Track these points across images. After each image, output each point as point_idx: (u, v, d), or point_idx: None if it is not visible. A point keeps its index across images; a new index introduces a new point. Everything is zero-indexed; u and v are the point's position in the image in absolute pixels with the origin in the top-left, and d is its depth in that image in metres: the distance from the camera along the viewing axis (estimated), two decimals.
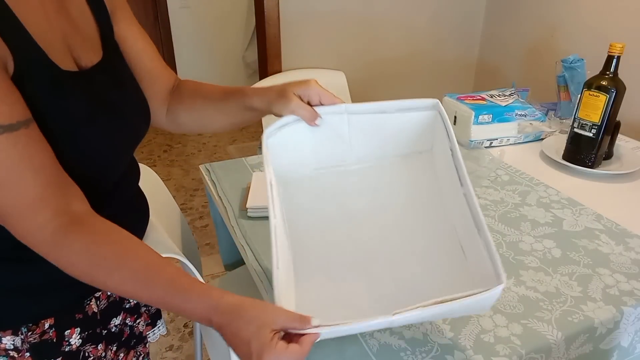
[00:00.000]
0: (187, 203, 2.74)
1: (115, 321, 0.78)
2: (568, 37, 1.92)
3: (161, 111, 0.82)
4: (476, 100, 1.40)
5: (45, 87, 0.56)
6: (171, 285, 0.56)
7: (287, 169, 0.75)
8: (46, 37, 0.58)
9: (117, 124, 0.67)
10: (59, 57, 0.59)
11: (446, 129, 0.69)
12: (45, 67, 0.57)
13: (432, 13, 2.20)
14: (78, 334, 0.70)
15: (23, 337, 0.65)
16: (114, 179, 0.71)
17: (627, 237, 0.98)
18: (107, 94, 0.66)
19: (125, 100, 0.69)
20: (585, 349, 0.78)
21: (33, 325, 0.66)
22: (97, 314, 0.73)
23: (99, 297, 0.74)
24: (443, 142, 0.71)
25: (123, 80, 0.71)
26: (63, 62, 0.60)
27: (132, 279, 0.56)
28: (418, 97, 0.73)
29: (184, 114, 0.81)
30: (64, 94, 0.59)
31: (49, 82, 0.57)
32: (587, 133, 1.21)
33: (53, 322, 0.67)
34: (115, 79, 0.69)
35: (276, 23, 1.91)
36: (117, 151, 0.69)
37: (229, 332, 0.53)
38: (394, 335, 0.74)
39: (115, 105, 0.67)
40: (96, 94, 0.64)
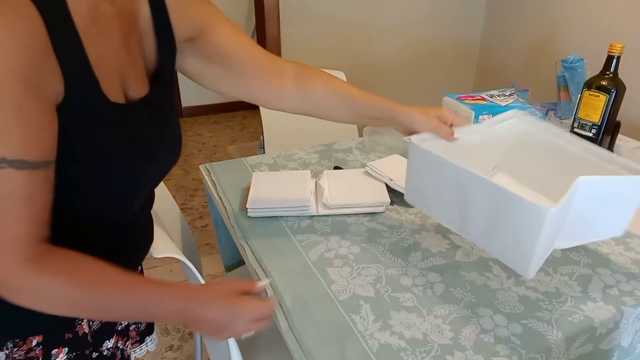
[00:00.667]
0: (187, 203, 2.74)
1: (108, 344, 0.76)
2: (568, 37, 1.92)
3: (283, 95, 0.87)
4: (476, 100, 1.40)
5: (87, 117, 0.57)
6: (148, 285, 0.61)
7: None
8: (104, 67, 0.58)
9: (146, 163, 0.66)
10: (110, 88, 0.59)
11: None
12: (93, 97, 0.57)
13: (432, 13, 2.20)
14: (65, 354, 0.68)
15: (8, 353, 0.64)
16: (133, 212, 0.71)
17: (627, 237, 0.98)
18: (144, 129, 0.66)
19: (159, 137, 0.69)
20: (585, 349, 0.78)
21: (20, 341, 0.64)
22: (87, 335, 0.71)
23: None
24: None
25: (163, 115, 0.71)
26: (112, 94, 0.60)
27: (114, 290, 0.58)
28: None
29: (319, 95, 0.89)
30: (102, 127, 0.59)
31: (92, 113, 0.57)
32: (587, 133, 1.21)
33: (41, 340, 0.66)
34: (156, 114, 0.69)
35: (276, 23, 1.91)
36: (142, 188, 0.70)
37: (202, 311, 0.62)
38: (394, 335, 0.74)
39: (149, 142, 0.67)
40: (133, 130, 0.64)
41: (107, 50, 0.59)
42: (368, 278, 0.86)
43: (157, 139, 0.69)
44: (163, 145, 0.71)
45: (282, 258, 0.92)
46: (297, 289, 0.83)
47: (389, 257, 0.92)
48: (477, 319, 0.77)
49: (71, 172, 0.57)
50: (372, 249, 0.94)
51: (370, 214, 1.06)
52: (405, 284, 0.85)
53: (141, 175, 0.67)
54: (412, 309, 0.79)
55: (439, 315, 0.78)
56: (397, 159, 1.23)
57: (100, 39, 0.58)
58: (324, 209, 1.05)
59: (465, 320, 0.77)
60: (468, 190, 0.80)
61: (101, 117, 0.58)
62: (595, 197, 0.77)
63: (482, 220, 0.80)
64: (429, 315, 0.78)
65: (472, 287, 0.84)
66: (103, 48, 0.58)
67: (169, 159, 0.73)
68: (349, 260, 0.91)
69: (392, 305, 0.80)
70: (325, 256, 0.92)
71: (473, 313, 0.78)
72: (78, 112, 0.55)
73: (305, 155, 1.35)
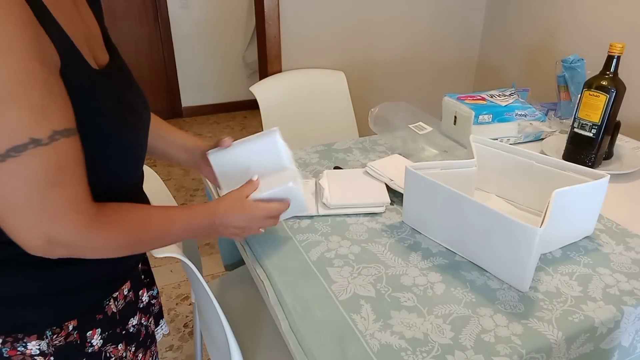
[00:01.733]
0: (187, 203, 2.74)
1: (133, 321, 0.80)
2: (568, 37, 1.92)
3: None
4: (476, 100, 1.40)
5: (83, 87, 0.58)
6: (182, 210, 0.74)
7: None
8: (76, 38, 0.59)
9: (137, 121, 0.70)
10: (87, 57, 0.61)
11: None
12: (82, 67, 0.59)
13: (432, 13, 2.20)
14: (99, 335, 0.71)
15: (48, 341, 0.65)
16: (137, 178, 0.76)
17: (627, 237, 0.98)
18: (123, 94, 0.68)
19: (136, 98, 0.72)
20: (585, 348, 0.78)
21: (57, 328, 0.66)
22: (116, 314, 0.74)
23: (116, 297, 0.75)
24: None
25: (130, 80, 0.73)
26: (90, 62, 0.61)
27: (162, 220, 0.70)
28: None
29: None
30: (97, 94, 0.61)
31: (85, 82, 0.59)
32: (587, 133, 1.21)
33: (76, 324, 0.68)
34: (125, 79, 0.72)
35: (276, 23, 1.91)
36: (142, 147, 0.74)
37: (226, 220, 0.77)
38: (395, 334, 0.74)
39: (132, 103, 0.70)
40: (118, 93, 0.66)
41: (70, 21, 0.60)
42: (368, 278, 0.86)
43: (135, 100, 0.71)
44: (140, 105, 0.73)
45: (282, 258, 0.92)
46: (297, 289, 0.83)
47: (389, 257, 0.92)
48: (478, 318, 0.77)
49: (84, 143, 0.59)
50: (372, 249, 0.94)
51: (370, 214, 1.06)
52: (406, 283, 0.85)
53: (139, 137, 0.71)
54: (412, 309, 0.79)
55: (439, 315, 0.78)
56: (397, 159, 1.23)
57: (62, 11, 0.58)
58: (324, 209, 1.05)
59: (466, 320, 0.77)
60: (462, 213, 0.88)
61: (93, 85, 0.60)
62: (568, 205, 0.87)
63: (477, 240, 0.87)
64: (429, 315, 0.78)
65: (473, 287, 0.84)
66: (66, 19, 0.59)
67: (148, 117, 0.76)
68: (350, 260, 0.91)
69: (392, 305, 0.80)
70: (325, 256, 0.92)
71: (473, 313, 0.78)
72: (74, 82, 0.57)
73: (305, 155, 1.35)
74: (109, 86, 0.64)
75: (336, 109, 1.99)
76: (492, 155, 1.07)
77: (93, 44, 0.65)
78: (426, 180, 0.92)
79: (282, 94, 1.91)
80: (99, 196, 0.62)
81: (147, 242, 0.69)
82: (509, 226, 0.80)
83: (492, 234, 0.83)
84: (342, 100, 1.99)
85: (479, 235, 0.86)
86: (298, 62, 2.02)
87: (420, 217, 0.98)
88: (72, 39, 0.58)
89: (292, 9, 1.92)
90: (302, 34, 1.99)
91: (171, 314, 1.92)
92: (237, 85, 3.99)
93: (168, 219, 0.71)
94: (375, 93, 2.23)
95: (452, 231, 0.92)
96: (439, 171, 0.99)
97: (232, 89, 4.02)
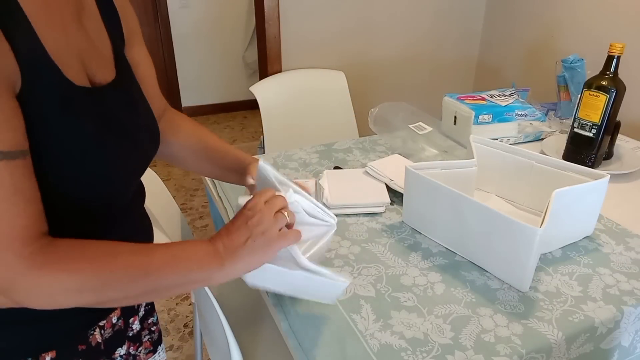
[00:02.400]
0: (187, 203, 2.74)
1: (121, 351, 0.74)
2: (568, 37, 1.92)
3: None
4: (476, 100, 1.40)
5: (55, 105, 0.54)
6: (166, 244, 0.58)
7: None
8: (62, 53, 0.56)
9: (126, 147, 0.64)
10: (73, 73, 0.57)
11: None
12: (58, 84, 0.55)
13: (432, 13, 2.20)
14: None
15: None
16: (122, 204, 0.69)
17: (627, 237, 0.98)
18: (118, 114, 0.64)
19: (135, 122, 0.67)
20: (585, 348, 0.78)
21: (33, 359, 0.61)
22: (101, 344, 0.69)
23: (103, 325, 0.70)
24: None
25: (135, 101, 0.69)
26: (77, 79, 0.58)
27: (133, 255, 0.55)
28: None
29: (180, 150, 0.85)
30: (74, 114, 0.56)
31: (60, 101, 0.55)
32: (587, 133, 1.21)
33: (55, 355, 0.63)
34: (127, 100, 0.68)
35: (276, 23, 1.91)
36: (127, 175, 0.66)
37: (237, 237, 0.59)
38: (395, 334, 0.74)
39: (126, 126, 0.64)
40: (107, 114, 0.62)
41: (62, 35, 0.57)
42: (368, 278, 0.86)
43: (133, 122, 0.67)
44: (140, 129, 0.68)
45: None
46: None
47: (389, 257, 0.92)
48: (478, 318, 0.77)
49: (51, 164, 0.54)
50: (372, 249, 0.94)
51: (370, 214, 1.06)
52: (406, 283, 0.85)
53: (124, 160, 0.64)
54: (412, 309, 0.79)
55: (439, 315, 0.78)
56: (397, 159, 1.23)
57: (51, 23, 0.55)
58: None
59: (466, 320, 0.77)
60: (462, 213, 0.88)
61: (70, 103, 0.56)
62: (568, 205, 0.87)
63: (477, 240, 0.87)
64: (429, 315, 0.78)
65: (473, 287, 0.84)
66: (56, 33, 0.56)
67: (150, 144, 0.71)
68: (350, 260, 0.91)
69: (392, 305, 0.80)
70: (325, 256, 0.92)
71: (473, 313, 0.78)
72: (42, 101, 0.53)
73: (305, 155, 1.35)
74: (95, 105, 0.60)
75: (336, 109, 1.99)
76: (492, 155, 1.07)
77: (92, 61, 0.62)
78: (426, 180, 0.92)
79: (282, 94, 1.91)
80: (74, 221, 0.58)
81: (114, 284, 0.54)
82: (509, 226, 0.80)
83: (492, 234, 0.83)
84: (342, 100, 1.99)
85: (479, 235, 0.86)
86: (298, 62, 2.02)
87: (420, 217, 0.98)
88: (56, 53, 0.54)
89: (292, 9, 1.92)
90: (302, 34, 1.99)
91: (171, 314, 1.92)
92: (237, 85, 3.99)
93: (144, 250, 0.56)
94: (375, 93, 2.23)
95: (452, 231, 0.92)
96: (439, 171, 0.99)
97: (232, 89, 4.02)
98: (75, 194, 0.58)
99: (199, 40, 3.75)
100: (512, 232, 0.79)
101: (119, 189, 0.66)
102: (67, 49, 0.57)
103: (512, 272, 0.83)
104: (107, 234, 0.60)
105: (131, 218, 0.73)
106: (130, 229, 0.72)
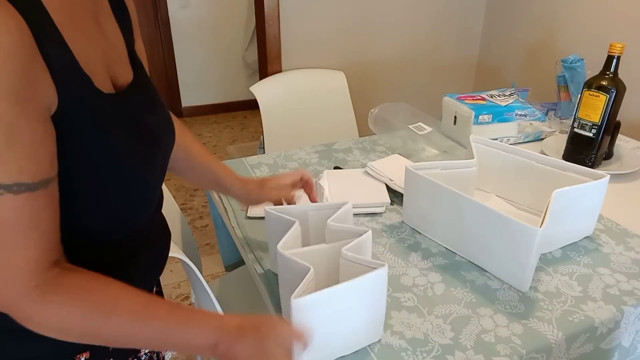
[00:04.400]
0: (187, 203, 2.74)
1: (145, 349, 0.74)
2: (568, 37, 1.92)
3: None
4: (476, 100, 1.40)
5: (88, 119, 0.52)
6: (171, 314, 0.55)
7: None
8: (90, 60, 0.54)
9: (154, 150, 0.64)
10: (100, 80, 0.56)
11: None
12: (90, 96, 0.53)
13: (432, 13, 2.20)
14: None
15: None
16: (152, 209, 0.68)
17: (627, 237, 0.98)
18: (143, 118, 0.63)
19: (158, 122, 0.67)
20: (586, 348, 0.78)
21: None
22: None
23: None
24: None
25: (154, 101, 0.68)
26: (104, 85, 0.56)
27: (129, 318, 0.54)
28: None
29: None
30: (106, 125, 0.55)
31: (92, 114, 0.53)
32: (587, 133, 1.21)
33: (89, 356, 0.63)
34: (148, 100, 0.66)
35: (276, 23, 1.91)
36: (158, 177, 0.66)
37: (240, 349, 0.55)
38: (395, 334, 0.74)
39: (152, 130, 0.64)
40: (134, 120, 0.61)
41: (88, 41, 0.54)
42: None
43: (157, 123, 0.66)
44: (162, 129, 0.67)
45: None
46: None
47: (389, 257, 0.92)
48: (478, 318, 0.77)
49: (80, 183, 0.53)
50: (372, 249, 0.94)
51: (370, 214, 1.06)
52: (406, 283, 0.85)
53: (154, 165, 0.63)
54: (412, 309, 0.79)
55: (439, 315, 0.78)
56: (397, 159, 1.23)
57: (78, 30, 0.53)
58: None
59: (466, 320, 0.77)
60: (462, 213, 0.88)
61: (102, 115, 0.54)
62: (568, 205, 0.88)
63: (477, 240, 0.87)
64: (429, 315, 0.78)
65: (473, 287, 0.84)
66: (83, 39, 0.53)
67: (170, 142, 0.70)
68: None
69: (392, 305, 0.80)
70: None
71: (473, 313, 0.78)
72: (76, 116, 0.51)
73: (305, 155, 1.35)
74: (124, 112, 0.59)
75: (336, 109, 1.99)
76: (492, 155, 1.07)
77: (113, 64, 0.60)
78: (426, 180, 0.92)
79: (282, 94, 1.91)
80: (102, 231, 0.58)
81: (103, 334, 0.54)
82: (509, 226, 0.80)
83: (492, 234, 0.83)
84: (342, 100, 1.99)
85: (479, 235, 0.86)
86: (298, 62, 2.02)
87: (420, 217, 0.98)
88: (85, 62, 0.52)
89: (292, 9, 1.92)
90: (302, 34, 1.99)
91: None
92: (237, 85, 3.99)
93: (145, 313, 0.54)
94: (375, 93, 2.23)
95: (452, 231, 0.92)
96: (439, 171, 0.99)
97: (232, 89, 4.02)
98: (106, 208, 0.57)
99: (199, 40, 3.75)
100: (512, 232, 0.79)
101: (153, 191, 0.66)
102: (93, 55, 0.55)
103: (512, 272, 0.83)
104: (132, 240, 0.61)
105: (156, 221, 0.73)
106: (151, 235, 0.71)
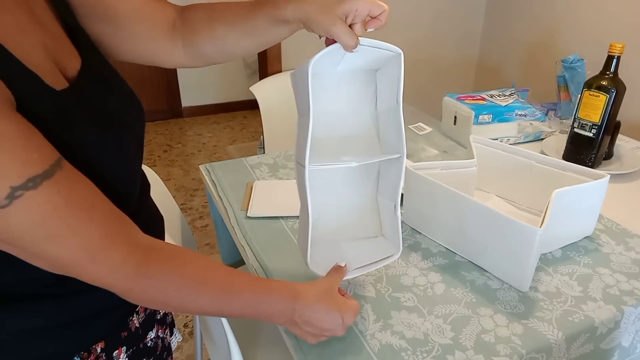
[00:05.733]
0: (187, 203, 2.74)
1: (151, 334, 0.75)
2: (568, 37, 1.92)
3: (174, 49, 0.73)
4: (476, 100, 1.41)
5: (50, 121, 0.49)
6: (254, 284, 0.62)
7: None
8: (31, 57, 0.49)
9: (123, 134, 0.61)
10: (49, 75, 0.51)
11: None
12: (44, 95, 0.50)
13: (432, 13, 2.20)
14: (125, 353, 0.67)
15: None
16: (136, 196, 0.66)
17: (627, 237, 0.98)
18: (104, 104, 0.60)
19: (120, 103, 0.63)
20: (586, 348, 0.78)
21: (85, 353, 0.62)
22: (139, 329, 0.71)
23: (137, 310, 0.71)
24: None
25: (110, 81, 0.64)
26: (55, 81, 0.52)
27: (220, 290, 0.59)
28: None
29: (205, 45, 0.72)
30: (70, 124, 0.52)
31: (53, 114, 0.50)
32: (587, 133, 1.21)
33: (103, 346, 0.64)
34: (104, 83, 0.62)
35: None
36: (133, 162, 0.64)
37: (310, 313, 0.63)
38: (395, 335, 0.74)
39: (115, 114, 0.61)
40: (96, 110, 0.57)
41: (23, 36, 0.50)
42: (368, 278, 0.86)
43: (119, 103, 0.62)
44: (126, 107, 0.64)
45: (282, 258, 0.91)
46: None
47: None
48: (478, 318, 0.77)
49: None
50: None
51: None
52: (406, 283, 0.85)
53: (127, 151, 0.61)
54: (412, 309, 0.79)
55: (439, 315, 0.78)
56: None
57: (9, 26, 0.49)
58: None
59: (466, 320, 0.77)
60: (463, 213, 0.88)
61: (61, 115, 0.51)
62: (568, 205, 0.88)
63: (477, 240, 0.87)
64: (429, 315, 0.78)
65: (473, 287, 0.84)
66: (18, 35, 0.49)
67: (139, 116, 0.67)
68: None
69: (392, 305, 0.80)
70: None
71: (473, 313, 0.78)
72: (35, 120, 0.47)
73: None
74: (82, 106, 0.55)
75: None
76: (492, 155, 1.08)
77: (58, 55, 0.55)
78: (426, 180, 0.92)
79: (282, 94, 1.91)
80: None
81: (198, 305, 0.58)
82: (509, 226, 0.80)
83: (492, 234, 0.83)
84: None
85: (479, 235, 0.86)
86: (298, 62, 2.02)
87: (420, 217, 0.98)
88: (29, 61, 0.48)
89: None
90: (302, 34, 1.99)
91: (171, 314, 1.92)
92: (237, 85, 3.99)
93: (232, 286, 0.60)
94: None
95: (452, 231, 0.92)
96: (439, 171, 0.99)
97: (232, 89, 4.02)
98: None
99: None
100: (512, 232, 0.79)
101: (132, 179, 0.64)
102: (33, 49, 0.51)
103: (512, 272, 0.83)
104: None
105: (145, 209, 0.72)
106: (148, 221, 0.69)
